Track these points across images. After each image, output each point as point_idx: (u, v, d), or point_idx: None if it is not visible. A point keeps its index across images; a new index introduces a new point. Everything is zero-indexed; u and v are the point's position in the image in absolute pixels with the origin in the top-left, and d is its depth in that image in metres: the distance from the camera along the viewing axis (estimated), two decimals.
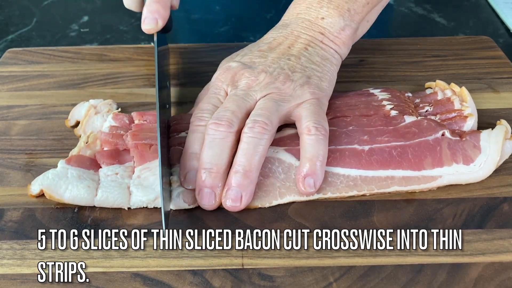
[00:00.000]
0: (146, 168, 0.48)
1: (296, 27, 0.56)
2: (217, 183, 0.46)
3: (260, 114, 0.47)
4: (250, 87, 0.50)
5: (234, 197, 0.45)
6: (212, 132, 0.47)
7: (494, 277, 0.41)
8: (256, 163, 0.46)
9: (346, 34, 0.55)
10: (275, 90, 0.50)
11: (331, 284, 0.41)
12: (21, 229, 0.45)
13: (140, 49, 0.70)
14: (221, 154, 0.46)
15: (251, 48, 0.56)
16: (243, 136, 0.46)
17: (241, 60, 0.53)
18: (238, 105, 0.48)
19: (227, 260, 0.43)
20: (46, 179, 0.47)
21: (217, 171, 0.46)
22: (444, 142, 0.50)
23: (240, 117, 0.48)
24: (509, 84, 0.63)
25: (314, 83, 0.51)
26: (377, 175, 0.48)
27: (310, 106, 0.49)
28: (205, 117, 0.49)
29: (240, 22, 0.82)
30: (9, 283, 0.41)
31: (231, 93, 0.51)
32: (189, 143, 0.48)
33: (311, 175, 0.46)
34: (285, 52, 0.53)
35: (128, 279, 0.41)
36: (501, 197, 0.48)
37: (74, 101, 0.60)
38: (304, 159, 0.47)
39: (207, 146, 0.46)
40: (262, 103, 0.49)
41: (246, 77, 0.51)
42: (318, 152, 0.47)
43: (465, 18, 0.83)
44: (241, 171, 0.45)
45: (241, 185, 0.45)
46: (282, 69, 0.51)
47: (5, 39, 0.78)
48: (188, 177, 0.47)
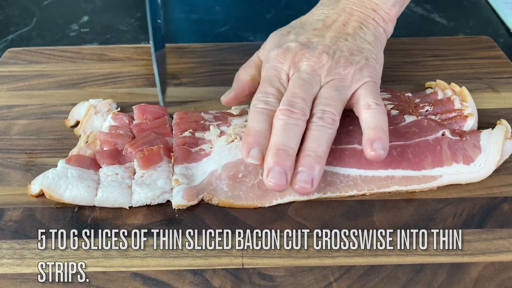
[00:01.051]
0: (151, 169, 0.49)
1: (348, 3, 0.55)
2: (289, 164, 0.45)
3: (328, 104, 0.48)
4: (314, 70, 0.50)
5: (306, 179, 0.45)
6: (286, 118, 0.46)
7: (494, 277, 0.41)
8: (325, 150, 0.46)
9: (396, 11, 0.55)
10: (337, 76, 0.50)
11: (331, 284, 0.41)
12: (21, 229, 0.45)
13: (140, 49, 0.70)
14: (293, 137, 0.46)
15: (303, 26, 0.55)
16: (312, 125, 0.47)
17: (297, 40, 0.52)
18: (306, 91, 0.48)
19: (227, 260, 0.43)
20: (46, 179, 0.47)
21: (290, 152, 0.45)
22: (444, 142, 0.50)
23: (309, 104, 0.48)
24: (509, 84, 0.63)
25: (371, 66, 0.51)
26: (377, 174, 0.48)
27: (368, 87, 0.50)
28: (271, 102, 0.48)
29: (240, 22, 0.82)
30: (9, 283, 0.41)
31: (294, 76, 0.50)
32: (256, 121, 0.47)
33: (378, 140, 0.46)
34: (341, 30, 0.53)
35: (128, 279, 0.41)
36: (501, 197, 0.48)
37: (74, 101, 0.60)
38: (367, 129, 0.47)
39: (280, 129, 0.46)
40: (327, 92, 0.49)
41: (307, 58, 0.50)
42: (380, 121, 0.47)
43: (465, 18, 0.83)
44: (312, 155, 0.45)
45: (312, 168, 0.45)
46: (341, 51, 0.51)
47: (5, 39, 0.78)
48: (254, 153, 0.46)
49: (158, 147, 0.50)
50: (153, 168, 0.49)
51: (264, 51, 0.54)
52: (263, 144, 0.46)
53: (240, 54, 0.68)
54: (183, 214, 0.47)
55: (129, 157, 0.50)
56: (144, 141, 0.50)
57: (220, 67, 0.66)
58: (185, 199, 0.47)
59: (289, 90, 0.49)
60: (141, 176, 0.48)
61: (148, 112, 0.55)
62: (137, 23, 0.81)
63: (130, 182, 0.48)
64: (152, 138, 0.51)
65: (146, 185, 0.47)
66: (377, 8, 0.55)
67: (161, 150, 0.50)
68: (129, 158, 0.50)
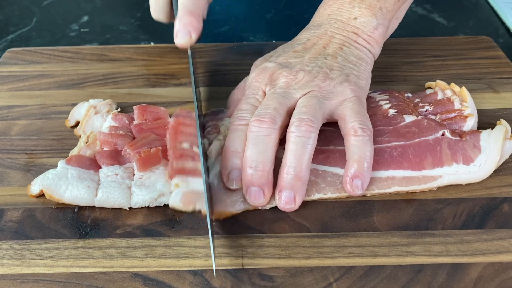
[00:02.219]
0: (149, 171, 0.49)
1: (329, 27, 0.55)
2: (264, 180, 0.45)
3: (305, 111, 0.47)
4: (289, 86, 0.50)
5: (288, 199, 0.45)
6: (256, 130, 0.46)
7: (494, 277, 0.41)
8: (306, 162, 0.46)
9: (379, 33, 0.55)
10: (315, 87, 0.49)
11: (331, 284, 0.41)
12: (21, 229, 0.45)
13: (140, 49, 0.70)
14: (265, 151, 0.46)
15: (284, 49, 0.55)
16: (290, 136, 0.46)
17: (276, 61, 0.53)
18: (279, 102, 0.48)
19: (227, 260, 0.43)
20: (46, 179, 0.47)
21: (263, 169, 0.45)
22: (444, 142, 0.50)
23: (282, 114, 0.47)
24: (509, 84, 0.63)
25: (353, 81, 0.51)
26: (378, 175, 0.48)
27: (353, 105, 0.49)
28: (245, 117, 0.48)
29: (240, 22, 0.82)
30: (9, 283, 0.41)
31: (269, 92, 0.50)
32: (231, 142, 0.48)
33: (358, 177, 0.46)
34: (321, 51, 0.53)
35: (128, 279, 0.41)
36: (501, 197, 0.48)
37: (74, 101, 0.60)
38: (351, 160, 0.47)
39: (251, 143, 0.46)
40: (304, 100, 0.48)
41: (284, 76, 0.51)
42: (365, 154, 0.47)
43: (465, 18, 0.83)
44: (292, 172, 0.45)
45: (293, 186, 0.45)
46: (320, 67, 0.51)
47: (5, 39, 0.78)
48: (232, 176, 0.46)
49: (156, 149, 0.49)
50: (151, 170, 0.49)
51: (249, 76, 0.55)
52: (240, 164, 0.46)
53: (240, 54, 0.68)
54: (183, 214, 0.47)
55: (128, 158, 0.50)
56: (143, 142, 0.50)
57: (220, 67, 0.66)
58: (181, 203, 0.46)
59: (261, 104, 0.49)
60: (140, 178, 0.48)
61: (148, 112, 0.55)
62: (137, 23, 0.81)
63: (130, 182, 0.48)
64: (151, 139, 0.51)
65: (145, 187, 0.47)
66: (358, 32, 0.55)
67: (160, 153, 0.49)
68: (128, 159, 0.50)
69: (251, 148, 0.46)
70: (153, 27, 0.80)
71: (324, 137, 0.51)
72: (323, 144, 0.50)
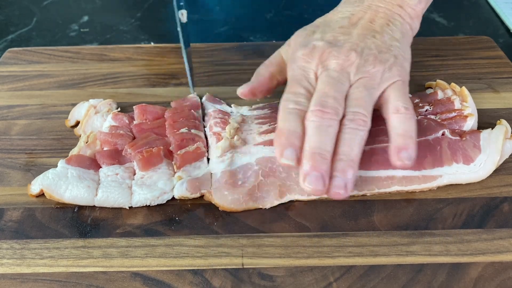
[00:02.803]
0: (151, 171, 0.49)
1: (373, 0, 0.54)
2: (327, 168, 0.44)
3: (358, 105, 0.47)
4: (343, 68, 0.49)
5: (340, 185, 0.44)
6: (319, 120, 0.45)
7: (494, 277, 0.41)
8: (357, 153, 0.45)
9: (421, 8, 0.54)
10: (366, 74, 0.49)
11: (331, 284, 0.41)
12: (21, 229, 0.45)
13: (140, 49, 0.70)
14: (328, 141, 0.45)
15: (329, 24, 0.54)
16: (344, 128, 0.46)
17: (324, 38, 0.51)
18: (337, 90, 0.47)
19: (227, 260, 0.43)
20: (46, 179, 0.47)
21: (326, 156, 0.44)
22: (444, 142, 0.50)
23: (342, 103, 0.47)
24: (509, 84, 0.63)
25: (400, 64, 0.50)
26: (378, 175, 0.48)
27: (397, 87, 0.49)
28: (302, 102, 0.47)
29: (240, 22, 0.82)
30: (9, 282, 0.41)
31: (323, 74, 0.49)
32: (287, 121, 0.46)
33: (405, 149, 0.45)
34: (368, 28, 0.52)
35: (128, 279, 0.41)
36: (501, 197, 0.48)
37: (74, 101, 0.60)
38: (395, 135, 0.46)
39: (315, 131, 0.45)
40: (356, 92, 0.48)
41: (335, 56, 0.49)
42: (409, 128, 0.46)
43: (465, 18, 0.83)
44: (345, 159, 0.44)
45: (345, 172, 0.44)
46: (370, 49, 0.50)
47: (5, 39, 0.78)
48: (288, 154, 0.45)
49: (158, 148, 0.49)
50: (153, 169, 0.49)
51: (289, 50, 0.53)
52: (297, 145, 0.45)
53: (240, 54, 0.68)
54: (183, 214, 0.47)
55: (129, 158, 0.50)
56: (144, 142, 0.50)
57: (220, 67, 0.66)
58: (189, 190, 0.47)
59: (319, 89, 0.48)
60: (141, 177, 0.48)
61: (148, 112, 0.55)
62: (137, 23, 0.81)
63: (130, 182, 0.48)
64: (152, 139, 0.51)
65: (146, 186, 0.47)
66: (403, 4, 0.54)
67: (161, 152, 0.49)
68: (129, 159, 0.50)
69: (314, 135, 0.45)
70: (153, 27, 0.80)
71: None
72: None
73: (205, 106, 0.58)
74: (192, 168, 0.49)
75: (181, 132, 0.52)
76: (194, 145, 0.50)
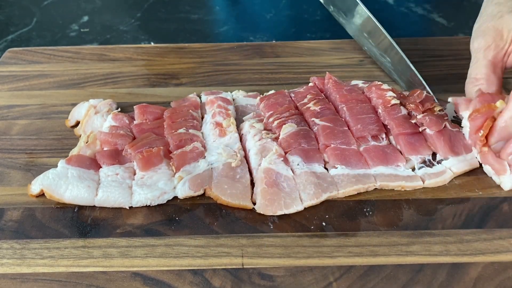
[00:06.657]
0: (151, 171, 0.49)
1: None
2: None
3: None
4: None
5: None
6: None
7: (494, 276, 0.41)
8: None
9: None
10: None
11: (331, 284, 0.41)
12: (21, 229, 0.45)
13: (140, 49, 0.70)
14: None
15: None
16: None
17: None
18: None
19: (227, 260, 0.43)
20: (47, 179, 0.47)
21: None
22: (446, 134, 0.50)
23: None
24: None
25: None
26: (380, 172, 0.49)
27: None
28: None
29: (240, 22, 0.82)
30: (9, 282, 0.41)
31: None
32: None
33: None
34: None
35: (128, 279, 0.41)
36: (501, 197, 0.48)
37: (74, 101, 0.60)
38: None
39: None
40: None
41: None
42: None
43: (465, 18, 0.83)
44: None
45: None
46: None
47: (5, 39, 0.78)
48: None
49: (158, 148, 0.49)
50: (153, 169, 0.49)
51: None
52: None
53: (240, 54, 0.68)
54: (183, 214, 0.47)
55: (129, 158, 0.50)
56: (144, 142, 0.50)
57: (220, 67, 0.66)
58: (191, 189, 0.47)
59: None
60: (142, 177, 0.48)
61: (149, 112, 0.55)
62: (137, 23, 0.81)
63: (131, 182, 0.48)
64: (151, 139, 0.51)
65: (147, 186, 0.47)
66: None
67: (161, 152, 0.49)
68: (129, 159, 0.50)
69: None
70: (153, 27, 0.80)
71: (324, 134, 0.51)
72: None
73: (203, 98, 0.58)
74: (192, 168, 0.49)
75: (179, 132, 0.52)
76: (191, 145, 0.50)
